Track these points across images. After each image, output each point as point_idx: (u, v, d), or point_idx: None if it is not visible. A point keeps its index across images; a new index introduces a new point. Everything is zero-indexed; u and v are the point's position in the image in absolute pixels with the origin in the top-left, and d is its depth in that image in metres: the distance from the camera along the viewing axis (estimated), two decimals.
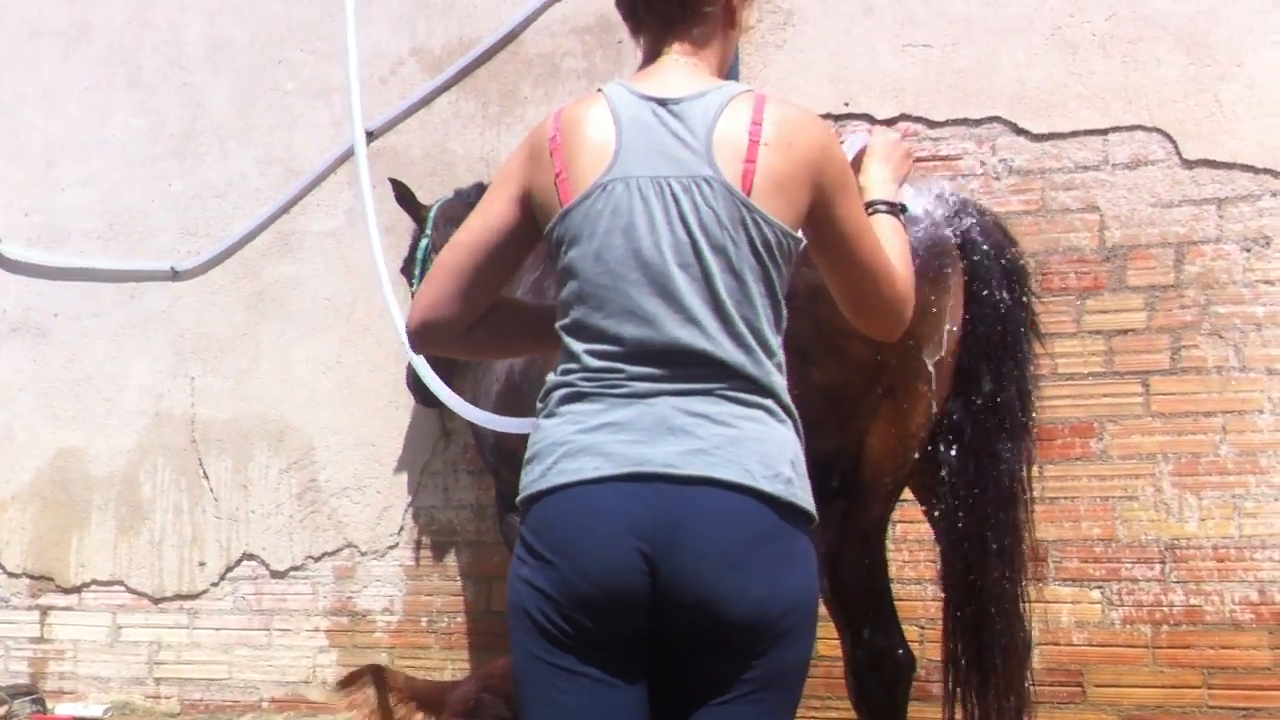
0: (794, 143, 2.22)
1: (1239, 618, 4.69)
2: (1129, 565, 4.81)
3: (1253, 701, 4.64)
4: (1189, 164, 4.91)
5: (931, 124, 5.24)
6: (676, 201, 2.19)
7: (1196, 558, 4.75)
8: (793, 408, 2.25)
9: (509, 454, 4.87)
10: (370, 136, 6.13)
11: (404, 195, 5.54)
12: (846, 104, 5.35)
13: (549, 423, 2.26)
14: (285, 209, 6.26)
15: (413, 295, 5.53)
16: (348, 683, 3.93)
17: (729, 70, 2.48)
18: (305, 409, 6.12)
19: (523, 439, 4.71)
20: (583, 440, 2.19)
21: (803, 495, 2.19)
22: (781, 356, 2.26)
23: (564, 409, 2.24)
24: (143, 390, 6.41)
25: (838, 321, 3.40)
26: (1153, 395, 4.84)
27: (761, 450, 2.16)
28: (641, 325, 2.19)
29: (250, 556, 6.16)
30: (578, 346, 2.25)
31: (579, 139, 2.27)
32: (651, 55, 2.37)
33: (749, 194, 2.19)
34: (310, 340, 6.15)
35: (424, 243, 5.45)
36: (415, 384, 5.67)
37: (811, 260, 3.55)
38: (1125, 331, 4.90)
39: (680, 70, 2.32)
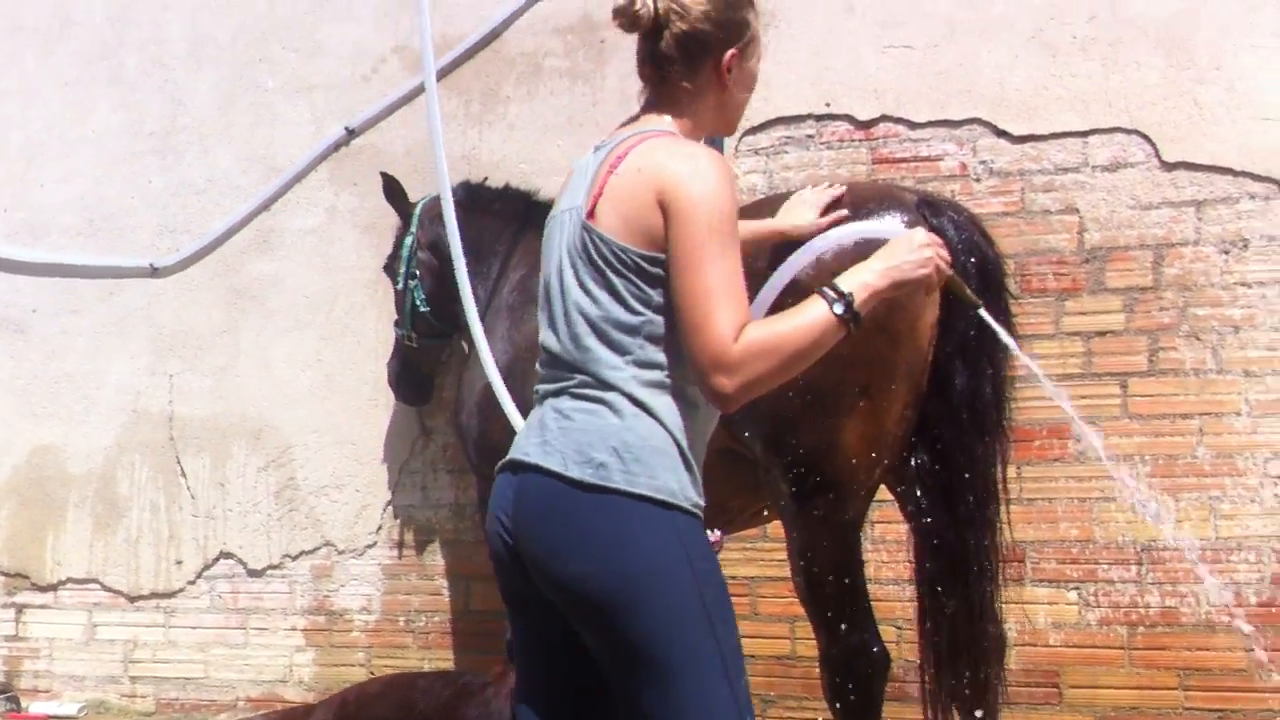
0: (642, 169, 2.42)
1: (1214, 619, 4.70)
2: (1105, 566, 4.82)
3: (1228, 703, 4.64)
4: (1168, 166, 4.91)
5: (912, 125, 5.24)
6: (564, 230, 2.53)
7: (1173, 559, 4.75)
8: (645, 398, 2.41)
9: (492, 452, 4.86)
10: (351, 134, 6.13)
11: (393, 190, 5.52)
12: (828, 104, 5.35)
13: None
14: (265, 206, 6.24)
15: (395, 293, 5.52)
16: None
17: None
18: (284, 407, 6.10)
19: (505, 436, 4.73)
20: (516, 437, 2.59)
21: (622, 477, 2.36)
22: (646, 355, 2.41)
23: None
24: (121, 388, 6.39)
25: None
26: (1130, 397, 4.84)
27: (581, 439, 2.39)
28: (543, 338, 2.56)
29: (227, 555, 6.14)
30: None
31: (561, 187, 2.68)
32: (640, 107, 2.63)
33: (590, 217, 2.45)
34: (290, 338, 6.13)
35: (408, 240, 5.42)
36: (396, 383, 5.66)
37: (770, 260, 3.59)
38: (1104, 333, 4.90)
39: (638, 119, 2.59)
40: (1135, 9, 4.99)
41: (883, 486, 3.90)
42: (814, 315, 2.39)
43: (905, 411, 3.65)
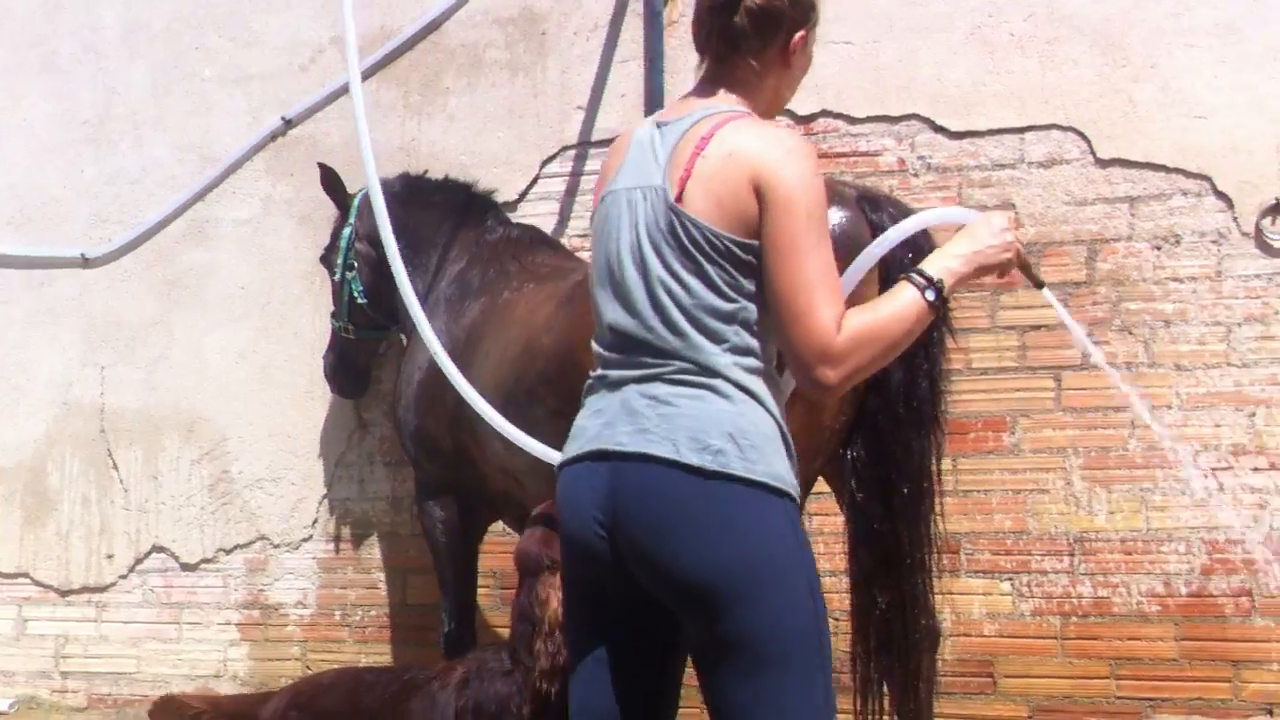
0: (734, 153, 2.37)
1: (1145, 609, 4.76)
2: (1039, 557, 4.86)
3: (1158, 692, 4.71)
4: (1103, 163, 4.97)
5: (851, 120, 5.27)
6: (635, 209, 2.44)
7: (1105, 550, 4.81)
8: (750, 384, 2.36)
9: (429, 444, 4.84)
10: (289, 124, 6.08)
11: (331, 181, 5.46)
12: None
13: (580, 412, 2.57)
14: (200, 196, 6.17)
15: (332, 284, 5.47)
16: None
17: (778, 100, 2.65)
18: (218, 399, 6.04)
19: (442, 428, 4.70)
20: (580, 424, 2.51)
21: (740, 463, 2.31)
22: (742, 340, 2.37)
23: (584, 399, 2.54)
24: (51, 379, 6.30)
25: None
26: (1064, 390, 4.89)
27: (693, 425, 2.33)
28: (613, 321, 2.47)
29: (160, 549, 6.07)
30: (593, 344, 2.55)
31: (609, 161, 2.62)
32: (697, 82, 2.59)
33: (679, 200, 2.38)
34: (224, 329, 6.07)
35: (347, 231, 5.38)
36: (333, 375, 5.61)
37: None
38: (1038, 327, 4.94)
39: (704, 96, 2.53)
40: (1072, 8, 5.04)
41: (820, 478, 3.93)
42: (907, 302, 2.37)
43: (842, 406, 3.67)
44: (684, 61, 5.44)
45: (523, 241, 4.99)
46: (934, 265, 2.44)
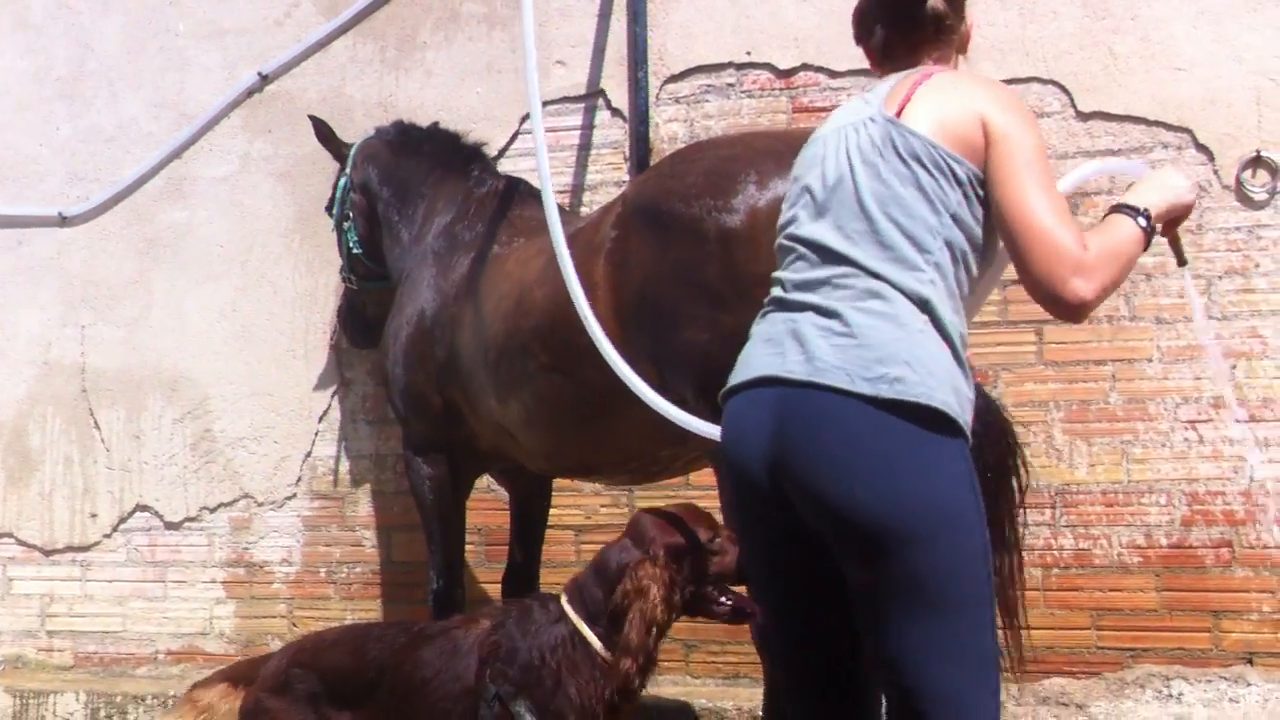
0: (960, 85, 2.46)
1: (1126, 561, 4.80)
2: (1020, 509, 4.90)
3: (1139, 642, 4.76)
4: (1084, 116, 4.97)
5: (833, 74, 5.25)
6: (845, 141, 2.48)
7: (1086, 502, 4.85)
8: (938, 308, 2.35)
9: (418, 401, 4.81)
10: (265, 79, 6.03)
11: (325, 133, 5.43)
12: (749, 53, 5.34)
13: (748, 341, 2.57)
14: (177, 153, 6.12)
15: (335, 231, 5.45)
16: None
17: None
18: (199, 358, 6.02)
19: (431, 384, 4.65)
20: (747, 352, 2.52)
21: (920, 389, 2.26)
22: (944, 259, 2.37)
23: (754, 327, 2.57)
24: (31, 339, 6.27)
25: (751, 267, 3.42)
26: (1045, 344, 4.92)
27: (866, 355, 2.30)
28: (809, 236, 2.48)
29: (144, 508, 6.07)
30: (775, 274, 2.57)
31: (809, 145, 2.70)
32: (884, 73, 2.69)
33: (899, 115, 2.42)
34: (204, 288, 6.04)
35: (342, 181, 5.36)
36: (344, 324, 5.59)
37: (721, 206, 3.58)
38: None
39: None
40: None
41: None
42: (1130, 228, 2.39)
43: None
44: (665, 16, 5.41)
45: (511, 195, 4.94)
46: (1136, 199, 2.46)
